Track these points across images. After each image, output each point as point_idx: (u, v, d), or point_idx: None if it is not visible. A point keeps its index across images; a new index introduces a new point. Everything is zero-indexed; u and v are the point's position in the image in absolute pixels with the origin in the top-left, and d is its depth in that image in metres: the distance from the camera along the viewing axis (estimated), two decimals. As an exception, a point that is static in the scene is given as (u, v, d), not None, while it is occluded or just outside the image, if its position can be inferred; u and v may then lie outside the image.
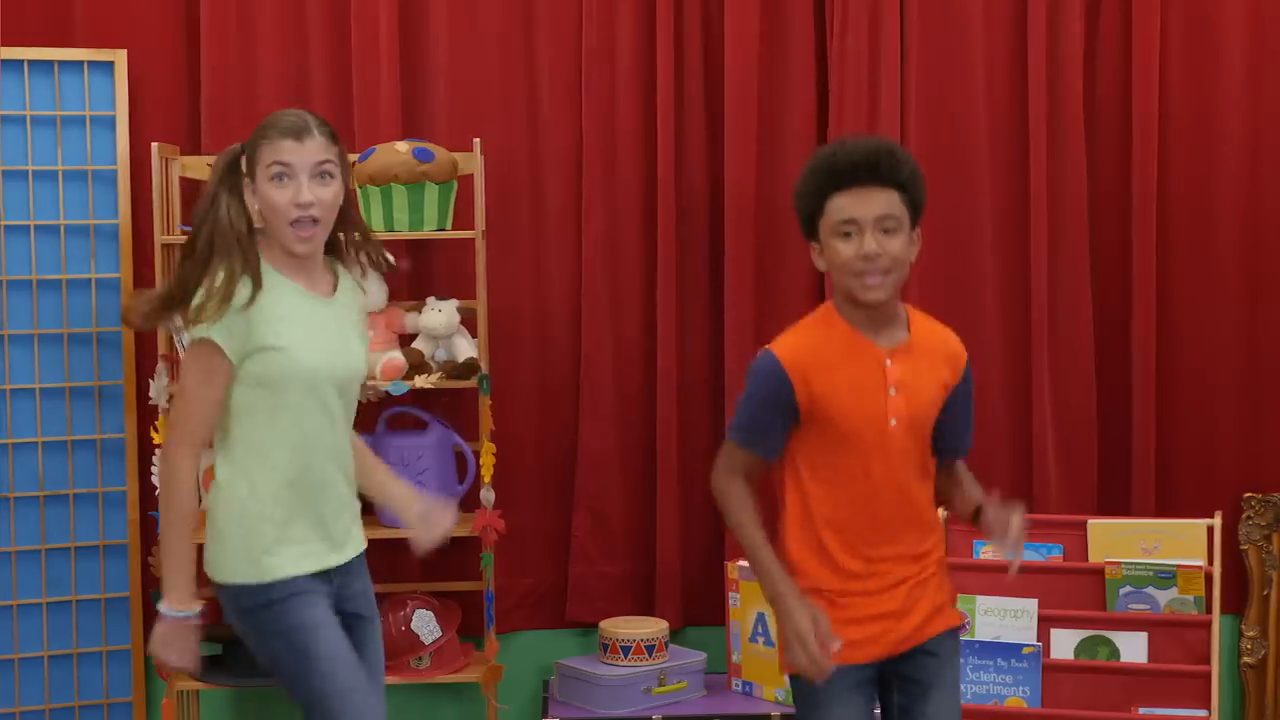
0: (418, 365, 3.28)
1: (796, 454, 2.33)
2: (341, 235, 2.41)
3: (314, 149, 2.32)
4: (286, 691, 2.36)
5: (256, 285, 2.28)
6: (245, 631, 2.36)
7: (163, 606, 2.31)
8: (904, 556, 2.34)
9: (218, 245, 2.30)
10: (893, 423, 2.28)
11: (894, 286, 2.29)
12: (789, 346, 2.31)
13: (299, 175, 2.30)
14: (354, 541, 2.44)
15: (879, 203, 2.26)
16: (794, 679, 2.34)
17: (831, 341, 2.30)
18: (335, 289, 2.41)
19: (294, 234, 2.31)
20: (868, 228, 2.26)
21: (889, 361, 2.30)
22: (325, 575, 2.37)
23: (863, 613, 2.31)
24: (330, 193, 2.33)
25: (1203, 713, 3.19)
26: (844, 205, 2.26)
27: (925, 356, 2.34)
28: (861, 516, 2.31)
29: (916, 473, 2.35)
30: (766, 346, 2.31)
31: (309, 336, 2.32)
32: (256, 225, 2.35)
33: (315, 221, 2.32)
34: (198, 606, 2.32)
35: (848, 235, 2.26)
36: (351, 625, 2.43)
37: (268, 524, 2.32)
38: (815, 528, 2.32)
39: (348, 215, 2.41)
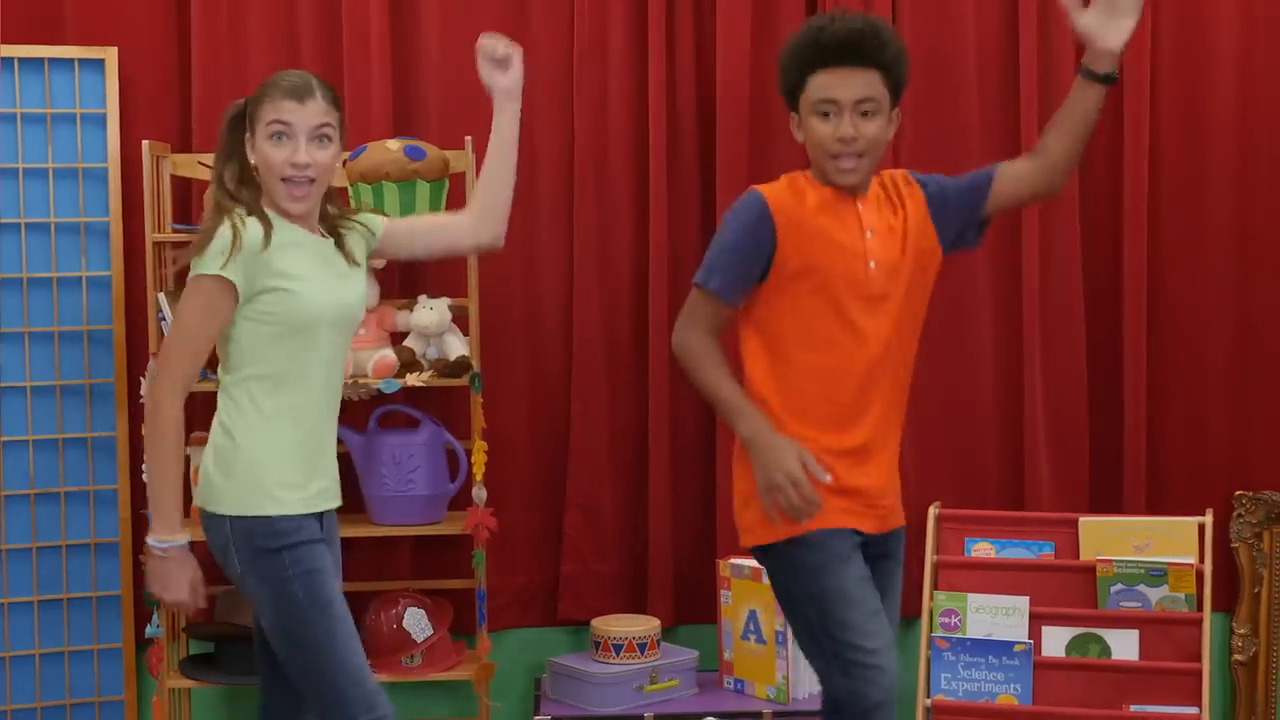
0: (409, 363, 3.28)
1: (774, 319, 2.32)
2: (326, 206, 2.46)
3: (315, 111, 2.35)
4: (281, 634, 2.34)
5: (267, 226, 2.32)
6: (253, 572, 2.34)
7: (151, 539, 2.31)
8: (887, 423, 2.36)
9: (220, 199, 2.37)
10: (872, 265, 2.30)
11: (868, 169, 2.33)
12: (772, 188, 2.34)
13: (298, 136, 2.34)
14: (336, 488, 2.48)
15: (859, 84, 2.28)
16: (784, 548, 2.28)
17: (810, 191, 2.33)
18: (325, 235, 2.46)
19: (287, 191, 2.35)
20: (846, 109, 2.28)
21: (861, 206, 2.33)
22: (320, 521, 2.41)
23: (852, 483, 2.31)
24: (328, 155, 2.38)
25: (1194, 710, 3.20)
26: (825, 84, 2.28)
27: (884, 203, 2.37)
28: (846, 377, 2.31)
29: (899, 329, 2.35)
30: (751, 188, 2.33)
31: (317, 278, 2.37)
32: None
33: (311, 181, 2.36)
34: (185, 535, 2.31)
35: (826, 115, 2.29)
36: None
37: (286, 459, 2.36)
38: (796, 397, 2.30)
39: (329, 189, 2.45)
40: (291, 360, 2.36)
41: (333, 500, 2.47)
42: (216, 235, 2.31)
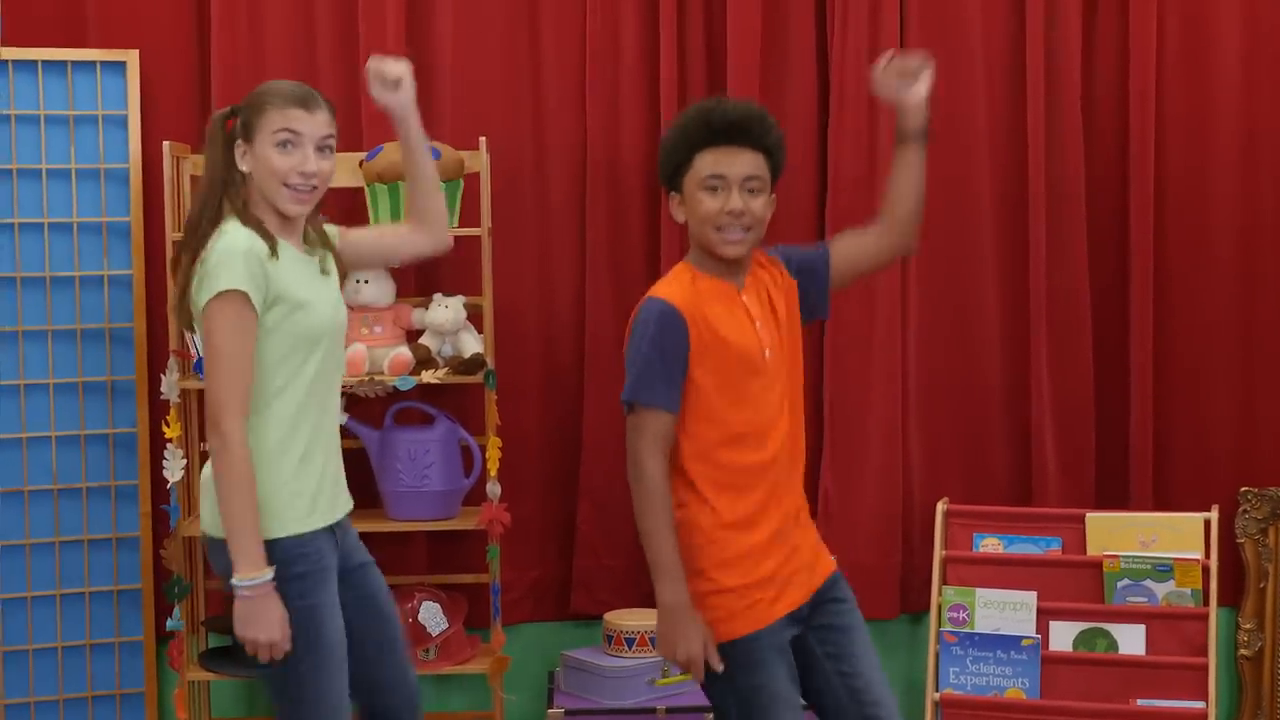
0: (424, 360, 3.32)
1: (684, 412, 2.30)
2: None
3: (321, 121, 2.38)
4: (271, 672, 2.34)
5: (269, 238, 2.33)
6: None
7: (236, 579, 2.25)
8: (795, 491, 2.41)
9: (208, 206, 2.36)
10: (767, 353, 2.35)
11: (752, 244, 2.38)
12: (669, 292, 2.34)
13: (306, 145, 2.35)
14: (345, 494, 2.50)
15: (746, 163, 2.35)
16: (723, 648, 2.31)
17: (700, 288, 2.36)
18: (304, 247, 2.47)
19: (290, 195, 2.35)
20: (734, 185, 2.34)
21: (745, 298, 2.38)
22: (332, 533, 2.41)
23: (777, 559, 2.34)
24: (329, 167, 2.41)
25: (1200, 704, 3.23)
26: (713, 161, 2.34)
27: (763, 289, 2.42)
28: (761, 451, 2.33)
29: (796, 411, 2.40)
30: (648, 295, 2.33)
31: (316, 291, 2.39)
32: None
33: (313, 190, 2.38)
34: (269, 571, 2.26)
35: (714, 190, 2.34)
36: (364, 576, 2.49)
37: (286, 477, 2.33)
38: (709, 477, 2.31)
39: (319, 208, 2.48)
40: (290, 374, 2.34)
41: (341, 510, 2.45)
42: (216, 251, 2.28)
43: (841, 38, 3.53)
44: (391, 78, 2.48)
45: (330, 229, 2.55)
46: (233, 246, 2.28)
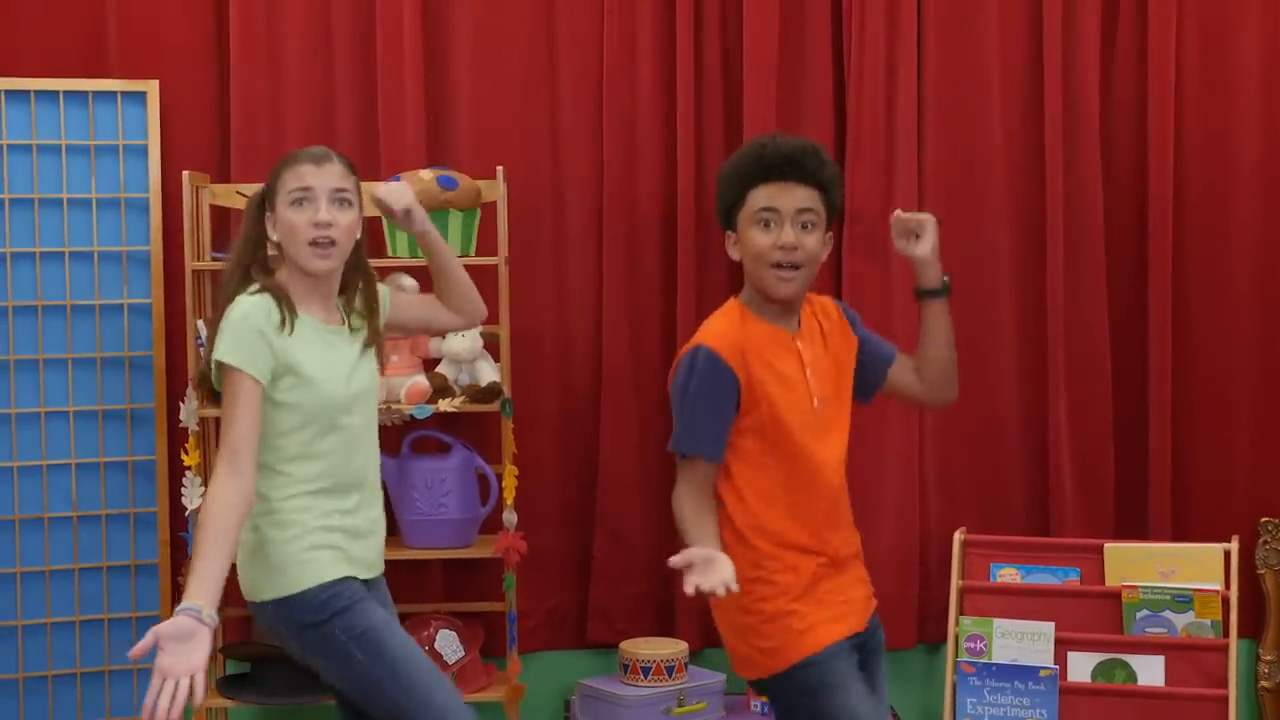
0: (441, 389, 3.33)
1: (733, 457, 2.31)
2: (354, 279, 2.49)
3: (332, 174, 2.40)
4: (358, 693, 2.37)
5: (288, 310, 2.36)
6: (307, 647, 2.37)
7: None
8: (847, 534, 2.39)
9: (234, 272, 2.42)
10: (816, 403, 2.32)
11: (804, 284, 2.34)
12: (718, 335, 2.31)
13: (318, 199, 2.38)
14: (380, 556, 2.51)
15: (800, 197, 2.31)
16: (788, 673, 2.29)
17: (750, 331, 2.33)
18: (343, 315, 2.48)
19: (312, 252, 2.37)
20: (787, 219, 2.30)
21: (800, 344, 2.35)
22: (364, 583, 2.43)
23: (834, 587, 2.33)
24: (347, 219, 2.41)
25: (1220, 736, 3.21)
26: (766, 195, 2.31)
27: (818, 335, 2.39)
28: (808, 494, 2.32)
29: (841, 456, 2.38)
30: (693, 343, 2.30)
31: (330, 364, 2.40)
32: (273, 253, 2.44)
33: (332, 243, 2.38)
34: (200, 605, 2.16)
35: (766, 225, 2.31)
36: None
37: (304, 535, 2.37)
38: (763, 522, 2.30)
39: (360, 261, 2.49)
40: (305, 445, 2.38)
41: (373, 570, 2.47)
42: (229, 319, 2.33)
43: (858, 68, 3.53)
44: (399, 209, 2.51)
45: (383, 290, 2.56)
46: (241, 317, 2.34)
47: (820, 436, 2.33)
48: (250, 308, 2.34)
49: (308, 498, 2.39)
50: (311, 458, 2.39)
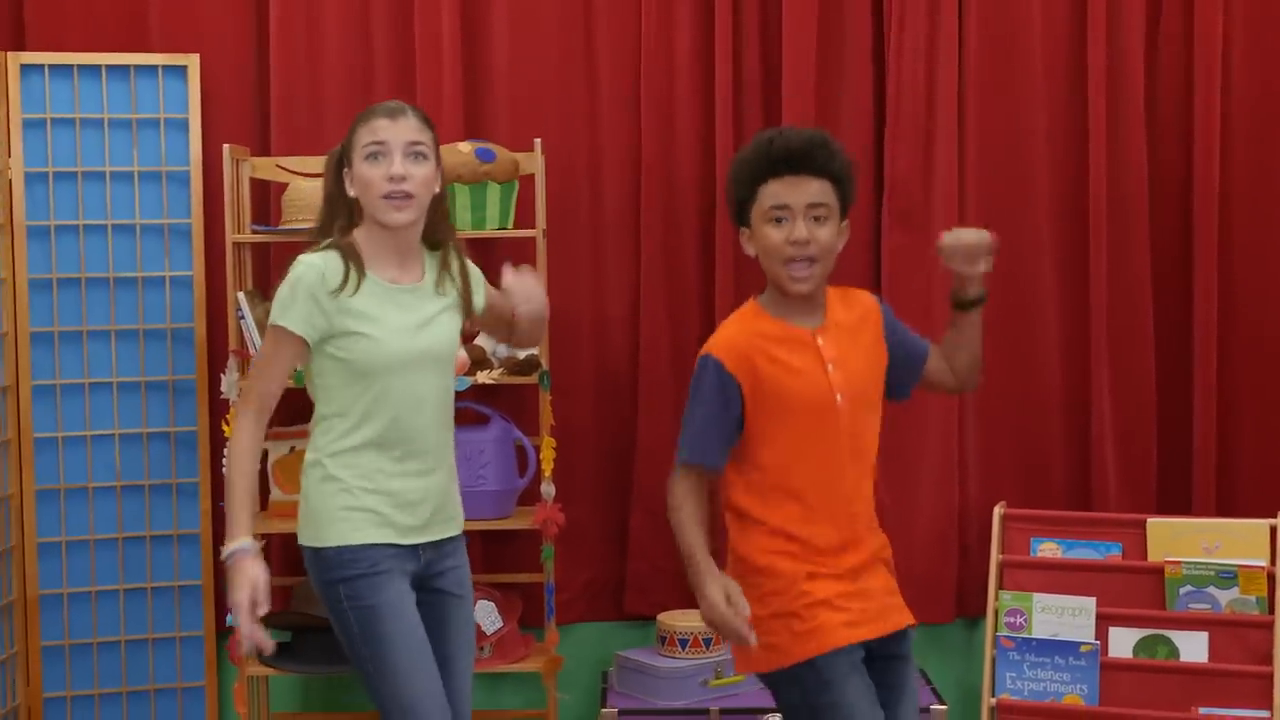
0: (480, 361, 3.34)
1: (750, 459, 2.32)
2: (438, 227, 2.48)
3: (407, 128, 2.40)
4: (349, 655, 2.42)
5: (355, 267, 2.38)
6: (321, 599, 2.44)
7: (223, 549, 2.36)
8: (870, 530, 2.37)
9: (319, 230, 2.46)
10: (839, 398, 2.30)
11: (821, 277, 2.32)
12: (725, 341, 2.33)
13: (393, 152, 2.38)
14: (442, 524, 2.48)
15: (811, 191, 2.29)
16: (796, 670, 2.30)
17: (764, 331, 2.32)
18: (424, 273, 2.47)
19: (387, 204, 2.37)
20: (799, 214, 2.28)
21: (820, 340, 2.33)
22: (408, 549, 2.43)
23: (848, 591, 2.31)
24: (423, 172, 2.40)
25: (1264, 714, 3.17)
26: (776, 191, 2.29)
27: (847, 330, 2.37)
28: (824, 493, 2.31)
29: (866, 456, 2.36)
30: (704, 349, 2.32)
31: (385, 322, 2.40)
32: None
33: (408, 196, 2.38)
34: (245, 542, 2.31)
35: (779, 221, 2.29)
36: (440, 603, 2.49)
37: (357, 494, 2.40)
38: (779, 517, 2.30)
39: (442, 219, 2.49)
40: (363, 401, 2.40)
41: (423, 535, 2.45)
42: (287, 280, 2.37)
43: (899, 38, 3.49)
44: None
45: (476, 274, 2.55)
46: (296, 279, 2.37)
47: (843, 434, 2.30)
48: (305, 269, 2.37)
49: (351, 454, 2.40)
50: (360, 414, 2.40)
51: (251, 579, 2.30)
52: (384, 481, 2.41)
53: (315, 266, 2.37)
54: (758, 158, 2.32)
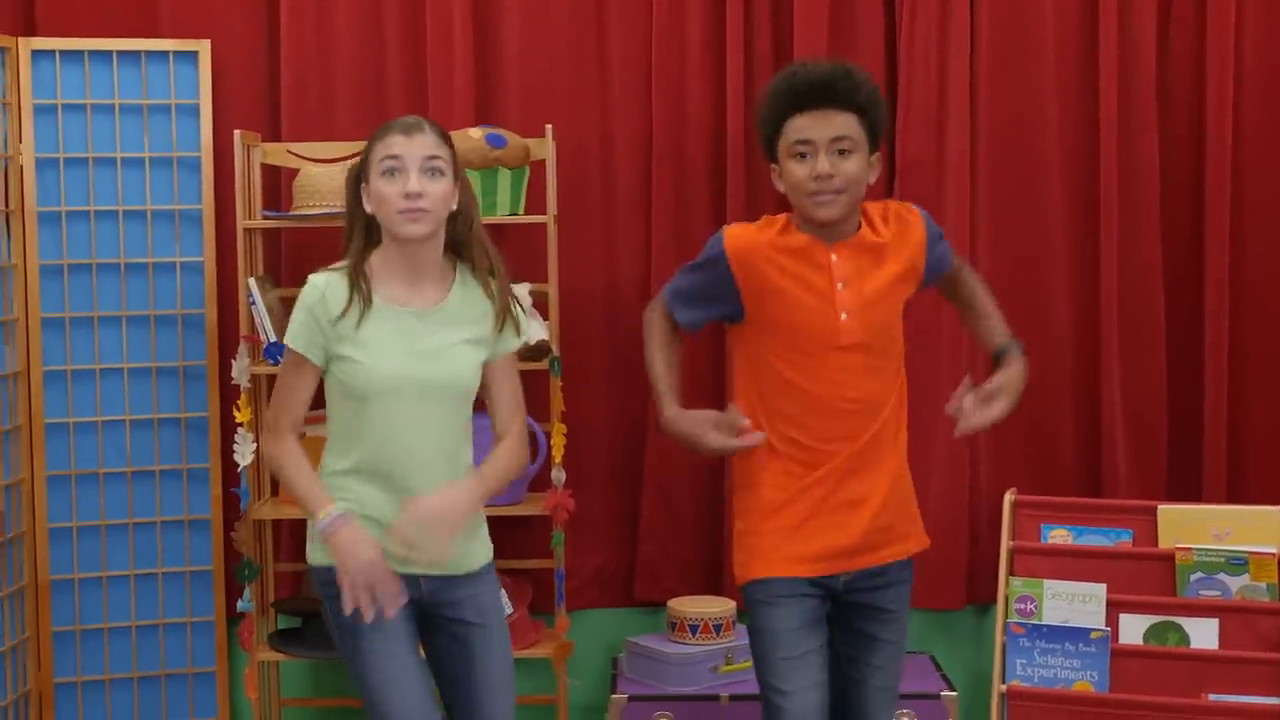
0: (490, 347, 3.33)
1: (753, 359, 2.41)
2: (466, 245, 2.47)
3: (423, 144, 2.39)
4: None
5: (360, 291, 2.38)
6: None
7: (316, 526, 2.37)
8: (871, 464, 2.39)
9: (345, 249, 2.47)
10: (843, 316, 2.31)
11: (847, 205, 2.33)
12: (738, 232, 2.40)
13: (409, 169, 2.37)
14: (425, 569, 2.42)
15: (835, 124, 2.29)
16: (746, 588, 2.43)
17: (782, 241, 2.36)
18: (447, 298, 2.45)
19: (403, 218, 2.37)
20: (822, 148, 2.29)
21: (834, 257, 2.34)
22: (402, 576, 2.39)
23: (825, 524, 2.37)
24: (439, 188, 2.38)
25: (1275, 700, 3.17)
26: (801, 126, 2.31)
27: (873, 249, 2.37)
28: (821, 421, 2.35)
29: (877, 376, 2.37)
30: (722, 229, 2.42)
31: (381, 345, 2.38)
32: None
33: (424, 211, 2.37)
34: (331, 506, 2.36)
35: (802, 156, 2.31)
36: (459, 633, 2.47)
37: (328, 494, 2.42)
38: (779, 423, 2.38)
39: (473, 236, 2.46)
40: (354, 424, 2.41)
41: (407, 566, 2.39)
42: (299, 302, 2.41)
43: (910, 27, 3.49)
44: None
45: (513, 334, 2.51)
46: (304, 300, 2.41)
47: (845, 350, 2.32)
48: (308, 289, 2.41)
49: (341, 477, 2.43)
50: (351, 437, 2.42)
51: (365, 540, 2.31)
52: (373, 509, 2.41)
53: (318, 288, 2.40)
54: (781, 92, 2.33)
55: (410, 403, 2.40)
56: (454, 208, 2.44)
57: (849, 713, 2.51)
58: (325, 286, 2.39)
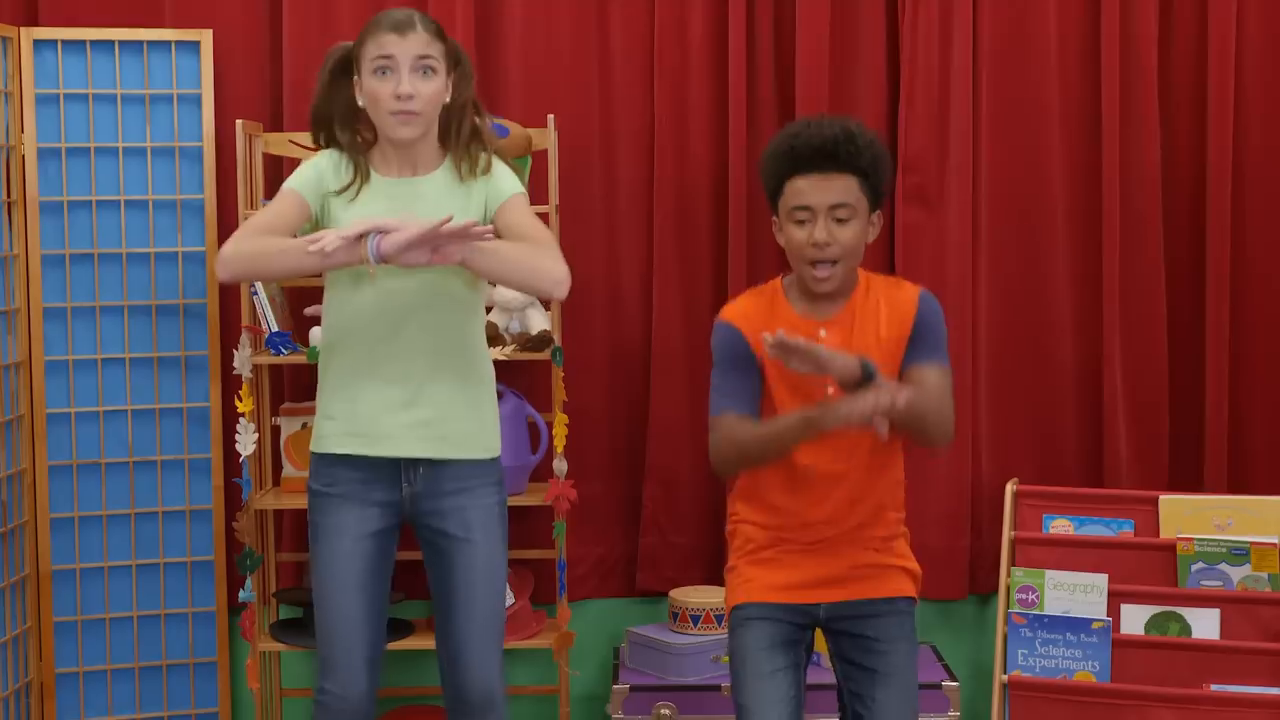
0: (492, 337, 3.32)
1: None
2: (454, 132, 2.49)
3: (415, 43, 2.40)
4: None
5: (355, 172, 2.44)
6: None
7: (364, 254, 2.27)
8: (856, 526, 2.41)
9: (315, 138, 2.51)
10: (829, 390, 2.30)
11: (843, 276, 2.34)
12: (734, 309, 2.43)
13: (400, 68, 2.38)
14: (437, 441, 2.46)
15: (834, 190, 2.29)
16: (730, 615, 2.46)
17: (773, 313, 2.37)
18: (436, 168, 2.49)
19: (396, 121, 2.40)
20: (820, 215, 2.29)
21: (823, 332, 2.34)
22: (385, 469, 2.46)
23: (795, 561, 2.41)
24: (431, 87, 2.41)
25: (1276, 690, 3.17)
26: (800, 190, 2.31)
27: (866, 321, 2.36)
28: (796, 497, 2.38)
29: (864, 449, 2.36)
30: (719, 316, 2.42)
31: (364, 213, 2.39)
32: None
33: (415, 114, 2.39)
34: (360, 228, 2.28)
35: (801, 222, 2.30)
36: (441, 544, 2.50)
37: (326, 395, 2.50)
38: (759, 496, 2.42)
39: (464, 127, 2.47)
40: (336, 301, 2.49)
41: (362, 448, 2.45)
42: (308, 162, 2.49)
43: (912, 17, 3.49)
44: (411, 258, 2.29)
45: (501, 189, 2.48)
46: (315, 161, 2.50)
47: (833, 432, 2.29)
48: (322, 156, 2.48)
49: (328, 356, 2.50)
50: (337, 315, 2.48)
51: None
52: (358, 386, 2.45)
53: (332, 158, 2.48)
54: (783, 154, 2.33)
55: (389, 280, 2.42)
56: (447, 100, 2.47)
57: None
58: (339, 160, 2.46)
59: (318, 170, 2.47)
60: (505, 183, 2.51)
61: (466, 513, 2.50)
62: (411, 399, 2.47)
